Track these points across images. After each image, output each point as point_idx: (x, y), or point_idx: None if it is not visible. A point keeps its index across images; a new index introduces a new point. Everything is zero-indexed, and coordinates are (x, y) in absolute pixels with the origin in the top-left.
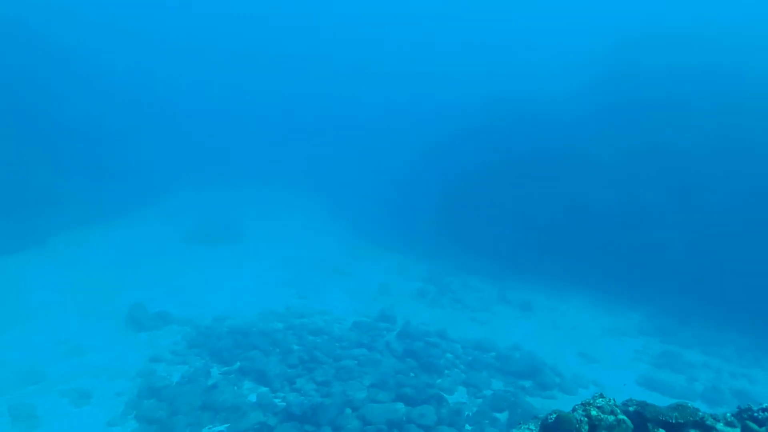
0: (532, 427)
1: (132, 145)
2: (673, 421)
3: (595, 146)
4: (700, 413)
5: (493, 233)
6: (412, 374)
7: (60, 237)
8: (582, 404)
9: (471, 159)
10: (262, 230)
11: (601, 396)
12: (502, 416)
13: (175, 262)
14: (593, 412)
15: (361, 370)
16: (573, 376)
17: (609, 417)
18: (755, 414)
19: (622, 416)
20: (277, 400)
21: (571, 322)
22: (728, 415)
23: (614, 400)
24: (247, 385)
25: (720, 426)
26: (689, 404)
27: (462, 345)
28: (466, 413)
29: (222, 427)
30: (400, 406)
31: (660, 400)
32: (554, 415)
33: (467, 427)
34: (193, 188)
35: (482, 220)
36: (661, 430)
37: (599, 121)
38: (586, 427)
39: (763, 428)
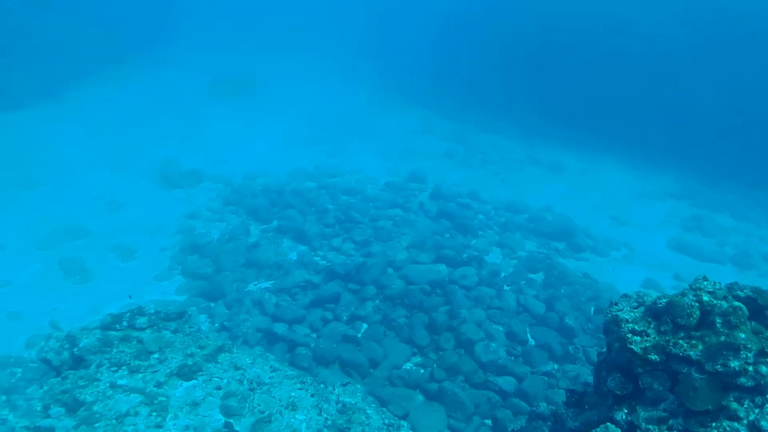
0: (632, 307)
1: None
2: None
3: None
4: None
5: (522, 91)
6: (447, 235)
7: (77, 90)
8: (691, 288)
9: (496, 24)
10: (283, 86)
11: (705, 279)
12: (538, 277)
13: (199, 116)
14: (705, 298)
15: (397, 231)
16: (605, 238)
17: (722, 303)
18: None
19: (736, 303)
20: (317, 259)
21: (601, 184)
22: None
23: (720, 283)
24: (286, 244)
25: None
26: None
27: (494, 206)
28: (503, 274)
29: (267, 284)
30: (443, 268)
31: (690, 264)
32: (664, 300)
33: (505, 287)
34: (212, 39)
35: (512, 79)
36: None
37: None
38: (698, 313)
39: None
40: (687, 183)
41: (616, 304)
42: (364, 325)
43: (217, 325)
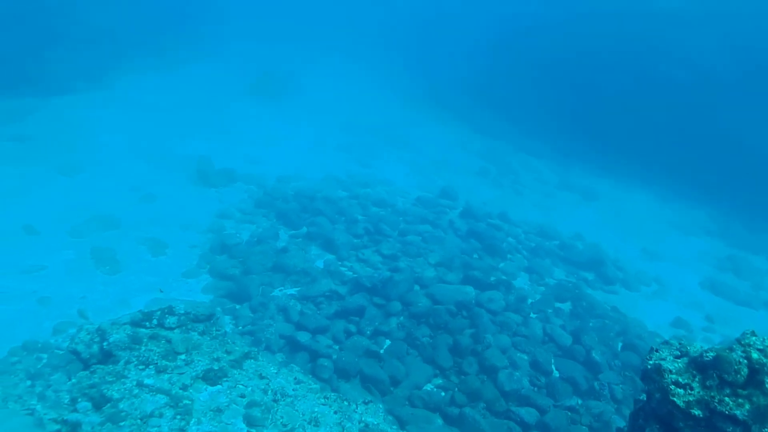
0: (674, 356)
1: None
2: None
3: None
4: None
5: (558, 117)
6: (475, 256)
7: (122, 79)
8: (739, 343)
9: (539, 44)
10: (319, 91)
11: (753, 333)
12: (565, 306)
13: (237, 114)
14: (754, 355)
15: (426, 247)
16: (636, 272)
17: None
18: None
19: None
20: (343, 269)
21: (634, 214)
22: None
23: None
24: (313, 251)
25: None
26: None
27: (524, 230)
28: (530, 300)
29: (293, 290)
30: (470, 289)
31: (723, 306)
32: (711, 354)
33: (532, 315)
34: (257, 37)
35: (549, 100)
36: None
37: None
38: (746, 370)
39: None
40: (724, 221)
41: (657, 351)
42: (387, 341)
43: (240, 327)
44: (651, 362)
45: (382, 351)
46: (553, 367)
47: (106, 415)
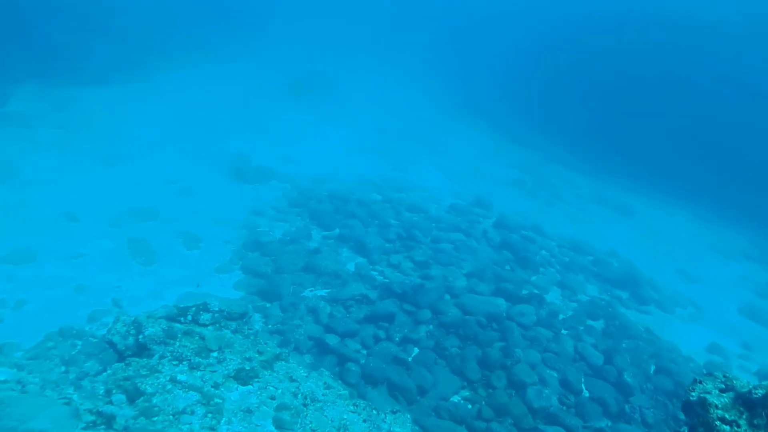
0: (719, 390)
1: None
2: None
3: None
4: None
5: (597, 127)
6: (507, 267)
7: (165, 74)
8: None
9: (578, 57)
10: (357, 94)
11: None
12: (597, 325)
13: (274, 113)
14: None
15: (458, 256)
16: (671, 293)
17: None
18: None
19: None
20: (374, 273)
21: (671, 234)
22: None
23: None
24: (345, 253)
25: None
26: None
27: (558, 243)
28: (561, 316)
29: (323, 292)
30: (501, 302)
31: (761, 333)
32: (761, 391)
33: (563, 331)
34: (294, 42)
35: (588, 113)
36: None
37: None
38: None
39: None
40: (765, 246)
41: (700, 383)
42: (416, 349)
43: (270, 326)
44: (694, 394)
45: (410, 359)
46: (583, 386)
47: (139, 408)
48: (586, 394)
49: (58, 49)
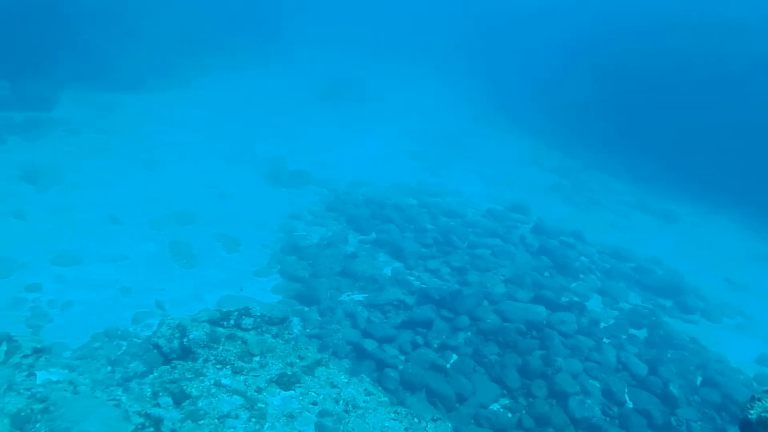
0: None
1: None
2: None
3: None
4: None
5: (638, 133)
6: (546, 274)
7: (201, 80)
8: None
9: (616, 61)
10: (391, 99)
11: None
12: (640, 334)
13: (310, 118)
14: None
15: (495, 262)
16: (718, 302)
17: None
18: None
19: None
20: (411, 278)
21: (716, 241)
22: None
23: None
24: (381, 258)
25: None
26: None
27: (598, 250)
28: (603, 325)
29: (360, 296)
30: (542, 309)
31: None
32: None
33: (605, 340)
34: (327, 47)
35: (628, 118)
36: None
37: None
38: None
39: None
40: None
41: (759, 400)
42: (454, 356)
43: (308, 330)
44: (753, 412)
45: (448, 366)
46: (626, 397)
47: (186, 412)
48: (630, 405)
49: (100, 55)
